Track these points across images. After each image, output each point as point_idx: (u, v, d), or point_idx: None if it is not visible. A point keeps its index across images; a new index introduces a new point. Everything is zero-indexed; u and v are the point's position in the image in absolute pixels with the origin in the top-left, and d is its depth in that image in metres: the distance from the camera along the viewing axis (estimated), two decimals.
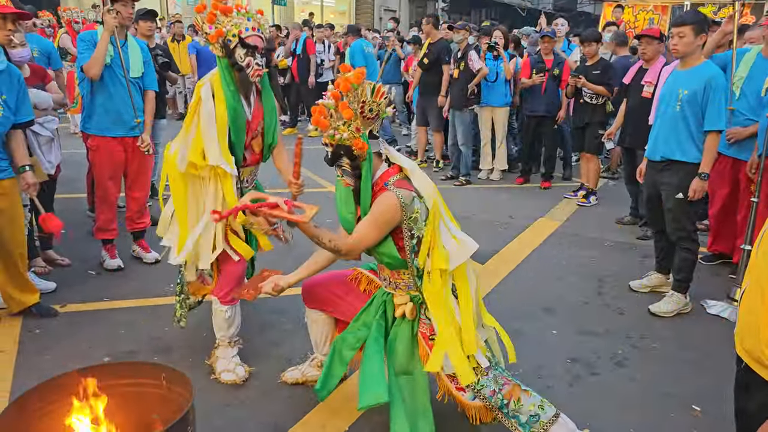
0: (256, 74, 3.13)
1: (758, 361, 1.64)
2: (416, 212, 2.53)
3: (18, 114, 3.59)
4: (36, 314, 3.82)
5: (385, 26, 15.68)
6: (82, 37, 4.38)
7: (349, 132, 2.45)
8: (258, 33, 3.14)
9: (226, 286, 3.21)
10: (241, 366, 3.27)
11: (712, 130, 3.89)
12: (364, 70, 2.53)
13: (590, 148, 6.71)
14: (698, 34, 3.90)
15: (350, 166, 2.55)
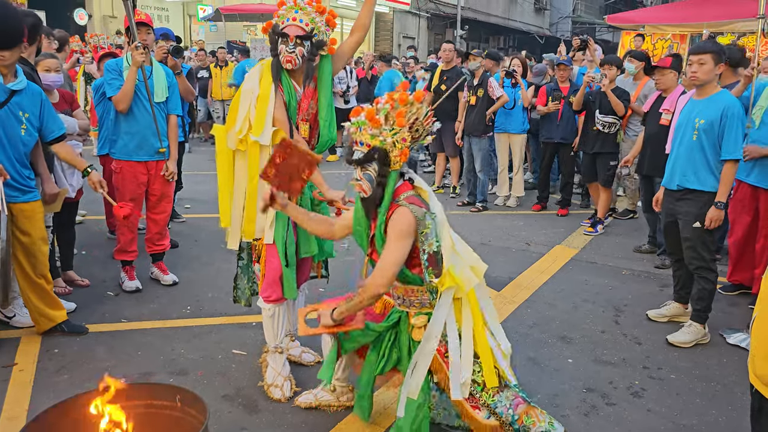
0: (286, 61, 3.17)
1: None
2: (428, 227, 2.57)
3: (49, 131, 3.71)
4: (66, 331, 3.88)
5: (404, 53, 15.85)
6: (108, 66, 4.48)
7: (393, 138, 2.52)
8: (299, 24, 3.18)
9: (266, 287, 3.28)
10: (289, 382, 3.32)
11: (729, 159, 3.88)
12: (425, 94, 2.58)
13: (604, 181, 6.65)
14: (717, 63, 3.91)
15: (377, 172, 2.57)
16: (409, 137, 2.58)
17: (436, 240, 2.59)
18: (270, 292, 3.27)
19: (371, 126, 2.55)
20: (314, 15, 3.24)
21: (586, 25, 35.87)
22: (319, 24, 3.24)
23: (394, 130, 2.53)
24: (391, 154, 2.54)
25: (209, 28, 19.79)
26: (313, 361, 3.67)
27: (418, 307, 2.73)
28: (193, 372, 3.54)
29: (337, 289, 4.82)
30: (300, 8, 3.21)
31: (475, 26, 28.39)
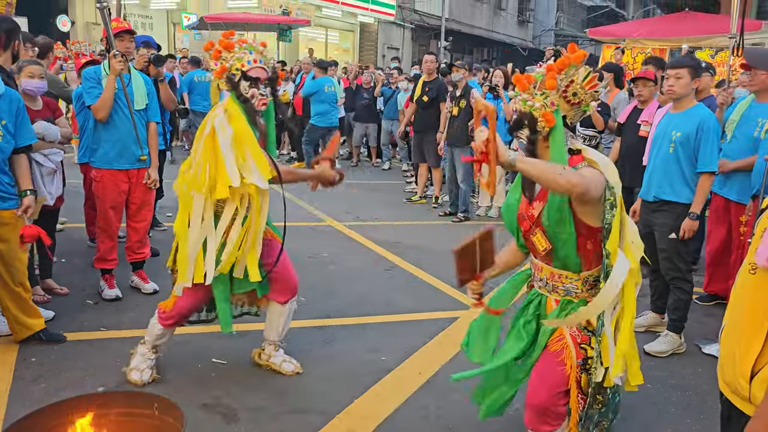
0: (261, 104, 3.26)
1: (736, 393, 1.68)
2: (609, 198, 2.40)
3: (18, 138, 3.63)
4: (43, 340, 3.85)
5: (389, 64, 15.96)
6: (86, 74, 4.47)
7: (542, 103, 2.39)
8: (260, 65, 3.27)
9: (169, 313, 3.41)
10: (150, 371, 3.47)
11: (705, 172, 3.97)
12: (586, 54, 2.46)
13: None
14: (694, 77, 4.00)
15: (527, 140, 2.46)
16: (561, 100, 2.39)
17: (613, 212, 2.41)
18: (172, 321, 3.43)
19: (522, 91, 2.45)
20: (265, 53, 3.35)
21: (568, 39, 36.29)
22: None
23: (544, 93, 2.39)
24: (539, 119, 2.39)
25: (193, 36, 19.76)
26: (293, 371, 3.65)
27: (561, 294, 2.60)
28: (172, 381, 3.52)
29: (319, 298, 4.84)
30: (254, 50, 3.30)
31: (459, 38, 28.63)
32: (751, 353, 1.62)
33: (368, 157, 12.56)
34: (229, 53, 3.24)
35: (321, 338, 4.18)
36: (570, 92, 2.39)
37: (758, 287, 1.63)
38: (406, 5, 26.07)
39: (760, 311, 1.61)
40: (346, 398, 3.39)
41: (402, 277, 5.56)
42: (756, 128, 4.49)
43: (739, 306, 1.70)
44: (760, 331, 1.61)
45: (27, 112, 3.74)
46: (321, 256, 5.97)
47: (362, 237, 6.76)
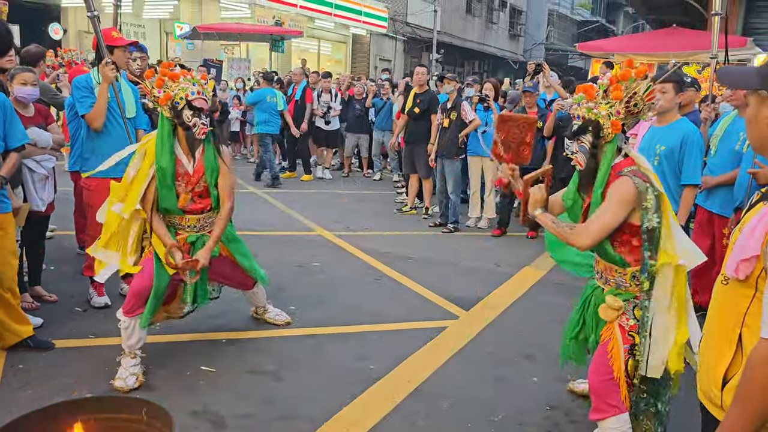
0: (201, 132, 3.57)
1: (710, 401, 1.72)
2: (649, 201, 2.57)
3: (9, 139, 3.64)
4: (31, 347, 3.84)
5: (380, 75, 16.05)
6: (77, 83, 4.47)
7: (608, 111, 2.60)
8: (202, 96, 3.56)
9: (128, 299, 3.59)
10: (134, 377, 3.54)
11: (689, 184, 4.04)
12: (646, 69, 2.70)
13: None
14: (678, 92, 4.09)
15: (590, 144, 2.67)
16: (624, 110, 2.60)
17: (657, 216, 2.59)
18: (130, 305, 3.57)
19: (588, 100, 2.65)
20: (206, 86, 3.65)
21: (558, 52, 36.68)
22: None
23: (610, 103, 2.61)
24: (604, 126, 2.61)
25: (186, 46, 19.79)
26: (284, 321, 4.48)
27: (613, 286, 2.75)
28: (160, 388, 3.53)
29: (308, 306, 4.86)
30: (197, 82, 3.58)
31: (451, 50, 28.85)
32: (723, 361, 1.66)
33: (359, 167, 12.61)
34: (173, 83, 3.51)
35: (310, 346, 4.20)
36: (632, 103, 2.59)
37: (729, 297, 1.67)
38: (399, 17, 26.27)
39: (731, 320, 1.65)
40: (335, 406, 3.41)
41: (391, 286, 5.59)
42: (737, 142, 4.58)
43: (712, 316, 1.75)
44: (731, 339, 1.65)
45: (16, 114, 3.75)
46: (311, 266, 5.99)
47: (352, 247, 6.79)
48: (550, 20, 38.83)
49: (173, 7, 20.55)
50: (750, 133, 1.71)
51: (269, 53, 18.52)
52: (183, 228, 3.77)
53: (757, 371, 1.51)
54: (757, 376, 1.51)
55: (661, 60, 12.60)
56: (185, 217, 3.75)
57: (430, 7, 26.52)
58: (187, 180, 3.67)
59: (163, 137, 3.56)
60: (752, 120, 1.67)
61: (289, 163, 11.60)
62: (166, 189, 3.60)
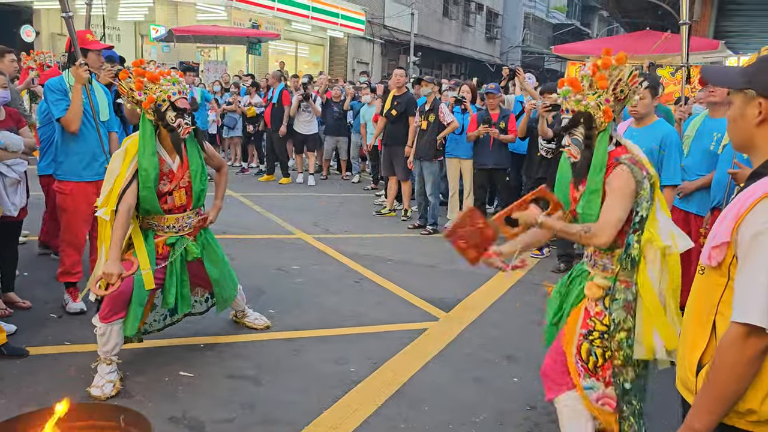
0: (185, 132, 3.60)
1: (686, 387, 1.76)
2: (645, 191, 2.59)
3: None
4: (5, 354, 3.76)
5: (359, 78, 16.04)
6: (51, 86, 4.40)
7: (596, 101, 2.62)
8: (184, 95, 3.60)
9: (107, 305, 3.49)
10: (111, 384, 3.48)
11: (668, 185, 4.09)
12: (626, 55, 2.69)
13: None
14: (654, 96, 4.15)
15: (583, 136, 2.66)
16: (612, 98, 2.63)
17: (649, 204, 2.61)
18: (108, 310, 3.48)
19: (575, 92, 2.66)
20: (185, 85, 3.69)
21: (534, 55, 37.02)
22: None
23: (597, 93, 2.63)
24: (596, 116, 2.63)
25: (161, 48, 19.61)
26: (263, 325, 4.44)
27: (600, 269, 2.75)
28: (138, 394, 3.48)
29: (288, 310, 4.83)
30: (177, 81, 3.59)
31: (428, 53, 28.97)
32: (698, 348, 1.70)
33: (338, 170, 12.59)
34: (154, 85, 3.50)
35: (290, 350, 4.17)
36: (618, 89, 2.62)
37: (704, 286, 1.72)
38: (376, 20, 26.31)
39: (705, 308, 1.69)
40: (316, 409, 3.39)
41: (371, 289, 5.58)
42: (711, 142, 4.65)
43: (690, 306, 1.80)
44: (705, 325, 1.69)
45: None
46: (290, 269, 5.96)
47: (331, 249, 6.77)
48: (526, 23, 39.18)
49: (148, 9, 20.34)
50: (733, 132, 1.74)
51: (246, 56, 18.43)
52: (162, 229, 3.73)
53: (725, 353, 1.55)
54: (726, 359, 1.55)
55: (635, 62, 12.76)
56: (165, 218, 3.71)
57: (407, 10, 26.61)
58: (171, 178, 3.67)
59: (145, 138, 3.53)
60: (737, 119, 1.70)
61: (268, 166, 11.53)
62: (147, 190, 3.55)
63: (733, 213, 1.59)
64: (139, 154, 3.52)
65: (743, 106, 1.68)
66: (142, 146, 3.53)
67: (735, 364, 1.53)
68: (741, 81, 1.68)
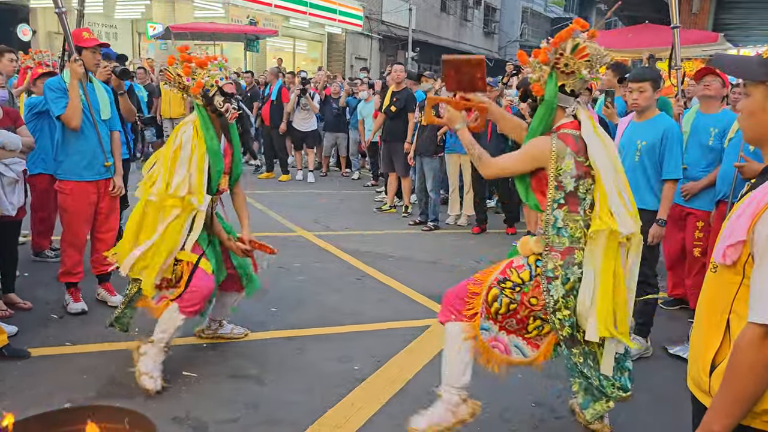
0: (233, 117, 3.61)
1: (699, 388, 1.73)
2: (567, 167, 2.74)
3: None
4: (6, 356, 3.74)
5: (357, 74, 16.00)
6: (49, 85, 4.38)
7: (537, 75, 2.83)
8: (230, 80, 3.60)
9: (192, 301, 3.46)
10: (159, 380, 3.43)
11: (670, 179, 4.07)
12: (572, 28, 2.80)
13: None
14: (656, 89, 4.12)
15: (530, 106, 2.95)
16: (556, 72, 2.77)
17: (575, 182, 2.75)
18: (198, 307, 3.50)
19: (522, 62, 2.97)
20: (231, 69, 3.66)
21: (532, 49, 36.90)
22: None
23: (539, 65, 2.84)
24: (532, 89, 2.87)
25: (159, 46, 19.54)
26: (242, 333, 4.22)
27: (541, 233, 2.91)
28: (141, 395, 3.46)
29: (290, 308, 4.81)
30: (224, 67, 3.65)
31: (426, 48, 28.89)
32: (711, 348, 1.67)
33: (337, 166, 12.56)
34: (202, 70, 3.52)
35: (292, 348, 4.15)
36: (561, 63, 2.74)
37: (717, 284, 1.68)
38: (374, 16, 26.23)
39: (719, 307, 1.66)
40: (320, 408, 3.37)
41: (373, 286, 5.56)
42: (709, 138, 4.65)
43: (701, 304, 1.76)
44: (719, 325, 1.66)
45: None
46: (291, 267, 5.94)
47: (332, 247, 6.75)
48: (523, 17, 39.09)
49: (145, 7, 20.27)
50: (749, 125, 1.68)
51: (244, 53, 18.38)
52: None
53: (743, 354, 1.52)
54: (742, 360, 1.52)
55: (634, 56, 12.74)
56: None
57: (405, 5, 26.52)
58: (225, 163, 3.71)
59: (206, 122, 3.55)
60: (756, 112, 1.64)
61: (266, 164, 11.50)
62: (217, 173, 3.59)
63: (749, 211, 1.55)
64: (206, 137, 3.52)
65: (763, 99, 1.62)
66: (205, 129, 3.53)
67: (752, 365, 1.50)
68: (762, 72, 1.61)
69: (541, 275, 2.84)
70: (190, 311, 3.48)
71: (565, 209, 2.80)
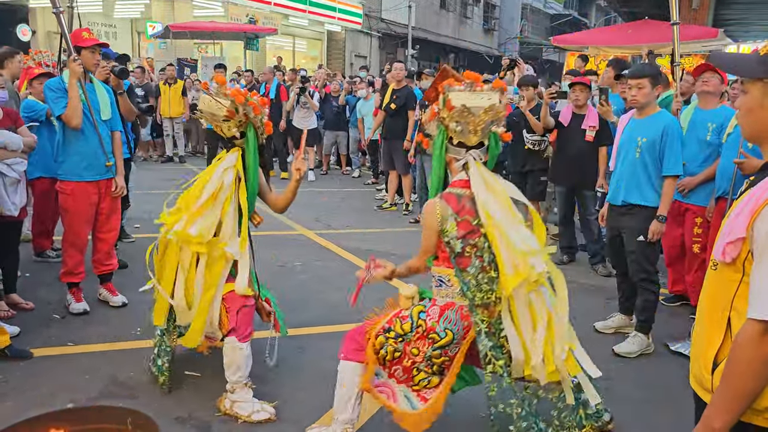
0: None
1: (701, 385, 1.73)
2: (452, 228, 2.76)
3: None
4: (9, 356, 3.74)
5: (357, 72, 15.99)
6: (50, 85, 4.39)
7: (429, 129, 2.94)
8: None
9: (243, 324, 3.29)
10: (265, 404, 3.33)
11: (670, 175, 4.07)
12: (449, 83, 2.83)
13: (533, 195, 6.80)
14: (655, 85, 4.12)
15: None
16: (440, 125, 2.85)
17: (462, 243, 2.76)
18: (248, 331, 3.33)
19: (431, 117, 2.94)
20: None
21: (532, 46, 36.90)
22: None
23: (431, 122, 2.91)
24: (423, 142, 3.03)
25: (158, 45, 19.53)
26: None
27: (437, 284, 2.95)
28: (143, 395, 3.47)
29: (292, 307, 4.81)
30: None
31: (426, 46, 28.86)
32: (713, 346, 1.67)
33: (338, 165, 12.56)
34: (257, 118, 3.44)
35: (294, 347, 4.16)
36: (441, 116, 2.81)
37: (718, 282, 1.69)
38: (373, 14, 26.20)
39: (720, 305, 1.67)
40: (322, 406, 3.37)
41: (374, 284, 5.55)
42: (707, 133, 4.65)
43: (703, 302, 1.77)
44: (720, 322, 1.66)
45: None
46: (293, 265, 5.95)
47: (334, 245, 6.75)
48: (523, 14, 39.03)
49: (144, 6, 20.25)
50: (748, 122, 1.68)
51: (244, 52, 18.36)
52: None
53: (742, 351, 1.53)
54: (742, 356, 1.53)
55: (634, 52, 12.72)
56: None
57: (404, 2, 26.49)
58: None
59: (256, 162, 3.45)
60: (754, 109, 1.65)
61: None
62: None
63: (749, 208, 1.56)
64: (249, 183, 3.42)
65: (761, 96, 1.62)
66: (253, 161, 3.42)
67: (751, 361, 1.51)
68: (761, 69, 1.62)
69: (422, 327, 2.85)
70: (248, 335, 3.32)
71: (456, 269, 2.80)
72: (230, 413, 3.27)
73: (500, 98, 2.77)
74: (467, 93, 2.74)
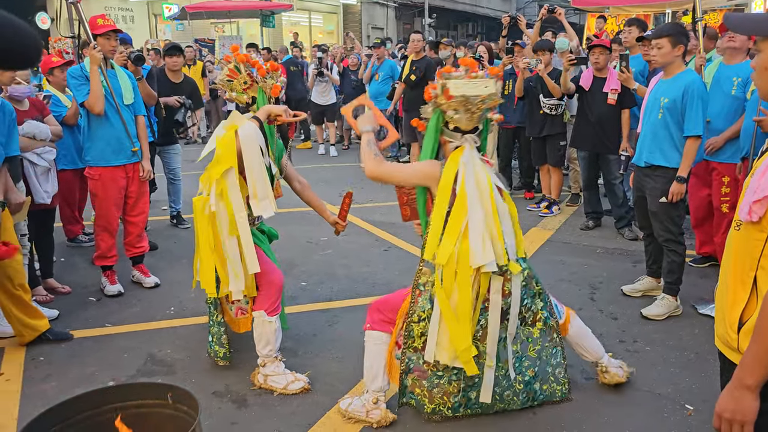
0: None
1: (727, 345, 1.74)
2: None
3: (8, 147, 3.68)
4: (51, 339, 3.88)
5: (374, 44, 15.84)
6: (72, 73, 4.47)
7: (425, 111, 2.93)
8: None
9: (271, 297, 3.39)
10: (299, 374, 3.40)
11: (691, 135, 4.01)
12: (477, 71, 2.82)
13: (553, 161, 6.78)
14: (675, 45, 4.04)
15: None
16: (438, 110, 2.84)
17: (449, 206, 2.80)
18: (276, 305, 3.41)
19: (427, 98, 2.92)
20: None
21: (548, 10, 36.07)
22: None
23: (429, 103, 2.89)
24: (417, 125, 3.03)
25: (176, 27, 19.55)
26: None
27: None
28: (181, 371, 3.57)
29: (320, 281, 4.89)
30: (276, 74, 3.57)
31: (443, 14, 28.43)
32: (738, 305, 1.67)
33: (359, 138, 12.52)
34: (264, 81, 3.46)
35: (325, 320, 4.23)
36: (438, 102, 2.83)
37: (742, 241, 1.68)
38: None
39: (745, 263, 1.66)
40: (354, 377, 3.44)
41: (399, 255, 5.61)
42: (732, 87, 4.56)
43: (726, 262, 1.76)
44: (745, 282, 1.66)
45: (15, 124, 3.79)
46: (319, 241, 6.01)
47: (358, 219, 6.80)
48: None
49: None
50: (764, 80, 1.68)
51: (260, 29, 18.30)
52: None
53: None
54: None
55: (656, 10, 12.41)
56: None
57: None
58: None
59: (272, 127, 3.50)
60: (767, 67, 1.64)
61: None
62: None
63: None
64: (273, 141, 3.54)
65: None
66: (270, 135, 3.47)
67: None
68: None
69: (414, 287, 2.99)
70: (276, 308, 3.40)
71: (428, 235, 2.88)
72: (265, 387, 3.36)
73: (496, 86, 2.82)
74: (466, 81, 2.75)
